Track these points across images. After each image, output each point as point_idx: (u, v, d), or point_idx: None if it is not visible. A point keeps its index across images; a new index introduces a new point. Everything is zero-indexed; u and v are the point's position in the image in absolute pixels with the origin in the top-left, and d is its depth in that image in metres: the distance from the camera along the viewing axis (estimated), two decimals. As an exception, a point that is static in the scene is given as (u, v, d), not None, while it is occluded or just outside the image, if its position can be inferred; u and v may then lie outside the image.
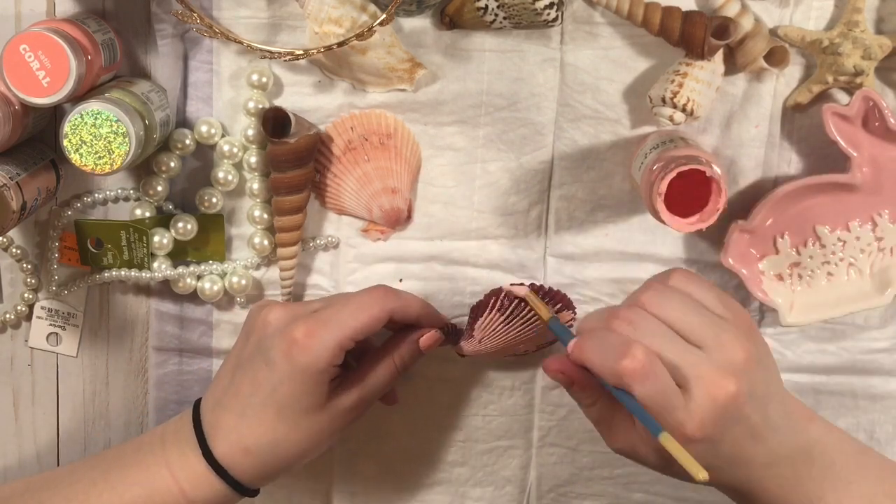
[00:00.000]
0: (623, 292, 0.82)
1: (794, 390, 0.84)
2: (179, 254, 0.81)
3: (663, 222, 0.71)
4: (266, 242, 0.80)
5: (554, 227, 0.81)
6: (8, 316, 0.83)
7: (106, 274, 0.81)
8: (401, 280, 0.82)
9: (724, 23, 0.73)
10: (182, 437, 0.73)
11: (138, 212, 0.80)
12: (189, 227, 0.79)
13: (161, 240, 0.80)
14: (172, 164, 0.78)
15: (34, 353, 0.84)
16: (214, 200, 0.79)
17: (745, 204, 0.79)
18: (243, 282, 0.81)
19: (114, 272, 0.81)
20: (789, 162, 0.79)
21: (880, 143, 0.76)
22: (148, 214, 0.80)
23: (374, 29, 0.73)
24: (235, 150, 0.79)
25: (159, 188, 0.79)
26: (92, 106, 0.69)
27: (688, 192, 0.71)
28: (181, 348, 0.83)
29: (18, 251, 0.81)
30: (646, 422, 0.64)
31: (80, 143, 0.69)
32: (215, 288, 0.81)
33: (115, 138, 0.69)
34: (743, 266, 0.79)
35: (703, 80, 0.74)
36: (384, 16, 0.73)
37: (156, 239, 0.80)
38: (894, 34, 0.75)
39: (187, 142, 0.78)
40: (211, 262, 0.81)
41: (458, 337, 0.76)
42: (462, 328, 0.76)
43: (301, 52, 0.74)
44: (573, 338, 0.69)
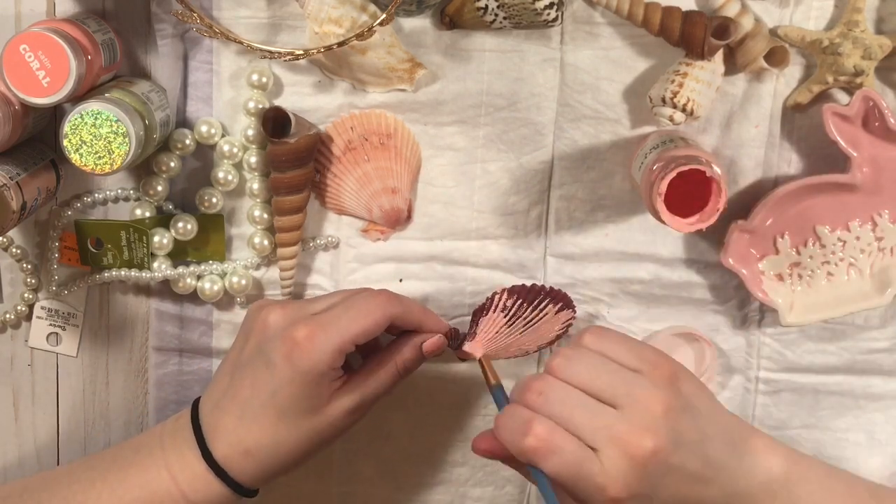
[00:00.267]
0: (623, 292, 0.82)
1: (794, 390, 0.84)
2: (179, 254, 0.81)
3: (663, 222, 0.71)
4: (266, 242, 0.80)
5: (554, 227, 0.81)
6: (8, 316, 0.83)
7: (106, 274, 0.81)
8: (401, 280, 0.82)
9: (724, 23, 0.73)
10: (181, 438, 0.73)
11: (138, 212, 0.80)
12: (189, 227, 0.79)
13: (161, 240, 0.80)
14: (172, 164, 0.78)
15: (34, 353, 0.84)
16: (214, 200, 0.79)
17: (745, 204, 0.79)
18: (243, 282, 0.81)
19: (114, 272, 0.81)
20: (789, 162, 0.79)
21: (880, 143, 0.76)
22: (148, 214, 0.80)
23: (374, 29, 0.73)
24: (235, 150, 0.78)
25: (159, 188, 0.79)
26: (92, 106, 0.69)
27: (688, 192, 0.71)
28: (181, 348, 0.83)
29: (18, 251, 0.81)
30: (547, 499, 0.63)
31: (80, 143, 0.69)
32: (215, 288, 0.81)
33: (115, 138, 0.69)
34: (743, 266, 0.79)
35: (703, 80, 0.74)
36: (384, 16, 0.73)
37: (156, 239, 0.80)
38: (894, 34, 0.75)
39: (187, 142, 0.78)
40: (211, 262, 0.81)
41: (459, 341, 0.76)
42: (464, 333, 0.76)
43: (301, 52, 0.74)
44: None
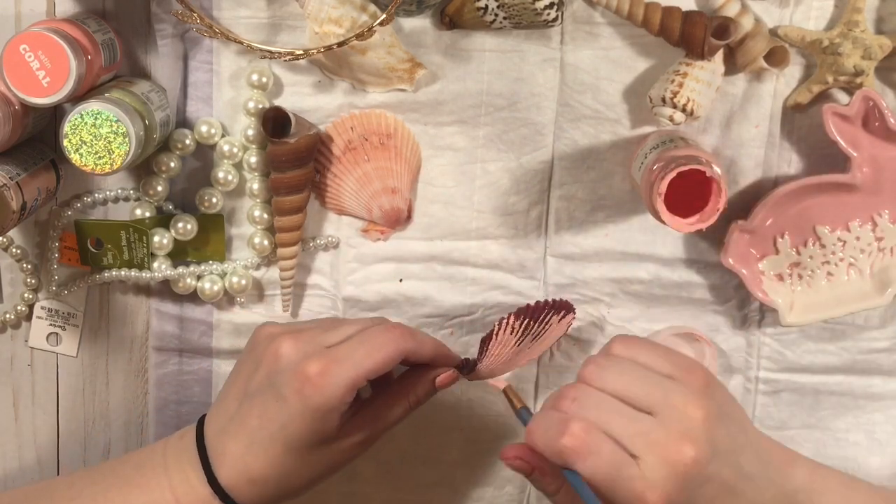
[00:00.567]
0: (623, 292, 0.82)
1: (794, 390, 0.84)
2: (179, 254, 0.81)
3: (663, 222, 0.71)
4: (266, 242, 0.80)
5: (554, 227, 0.81)
6: (8, 316, 0.83)
7: (106, 274, 0.81)
8: (401, 280, 0.82)
9: (724, 23, 0.73)
10: (185, 459, 0.72)
11: (138, 212, 0.80)
12: (189, 227, 0.79)
13: (161, 240, 0.80)
14: (172, 164, 0.78)
15: (34, 353, 0.84)
16: (214, 200, 0.79)
17: (745, 204, 0.79)
18: (243, 282, 0.81)
19: (114, 272, 0.81)
20: (789, 162, 0.79)
21: (880, 143, 0.76)
22: (148, 214, 0.80)
23: (374, 29, 0.73)
24: (235, 150, 0.78)
25: (159, 188, 0.79)
26: (92, 106, 0.69)
27: (688, 192, 0.71)
28: (181, 348, 0.83)
29: (18, 251, 0.81)
30: (587, 500, 0.63)
31: (80, 143, 0.69)
32: (215, 288, 0.81)
33: (115, 138, 0.69)
34: (743, 266, 0.79)
35: (703, 80, 0.74)
36: (384, 16, 0.73)
37: (156, 239, 0.80)
38: (894, 34, 0.75)
39: (187, 142, 0.78)
40: (211, 262, 0.81)
41: (471, 368, 0.76)
42: (474, 359, 0.76)
43: (301, 52, 0.74)
44: None
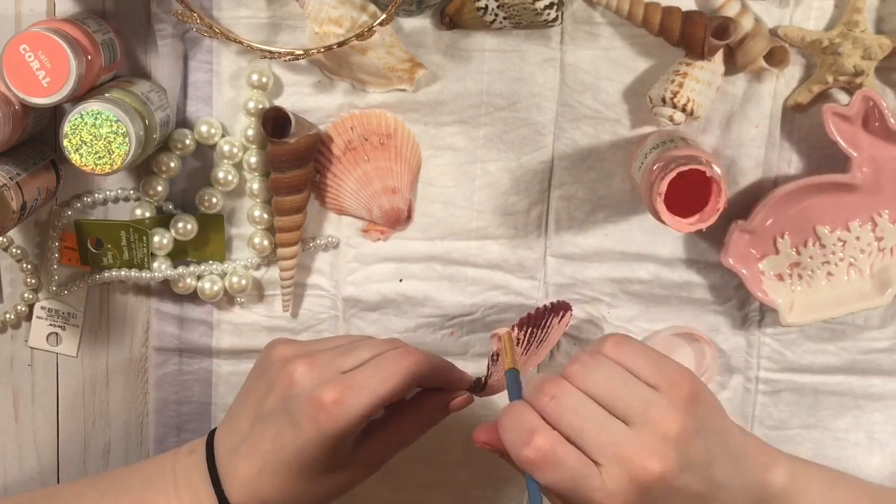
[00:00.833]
0: (623, 292, 0.82)
1: (794, 390, 0.84)
2: (179, 254, 0.81)
3: (663, 222, 0.71)
4: (266, 242, 0.80)
5: (554, 227, 0.81)
6: (8, 316, 0.83)
7: (106, 274, 0.81)
8: (401, 280, 0.82)
9: (724, 23, 0.73)
10: (196, 477, 0.71)
11: (138, 212, 0.80)
12: (189, 227, 0.79)
13: (161, 240, 0.80)
14: (172, 164, 0.78)
15: (34, 353, 0.84)
16: (214, 200, 0.79)
17: (745, 204, 0.79)
18: (243, 282, 0.81)
19: (114, 272, 0.81)
20: (789, 162, 0.79)
21: (880, 143, 0.76)
22: (148, 214, 0.80)
23: (374, 29, 0.73)
24: (235, 150, 0.78)
25: (159, 188, 0.79)
26: (92, 106, 0.69)
27: (688, 192, 0.71)
28: (181, 348, 0.83)
29: (18, 251, 0.81)
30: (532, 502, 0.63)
31: (80, 143, 0.69)
32: (215, 288, 0.81)
33: (115, 138, 0.69)
34: (743, 266, 0.79)
35: (703, 80, 0.74)
36: (384, 16, 0.73)
37: (156, 239, 0.80)
38: (894, 34, 0.75)
39: (187, 142, 0.78)
40: (211, 262, 0.81)
41: (482, 386, 0.75)
42: (485, 377, 0.75)
43: (301, 52, 0.74)
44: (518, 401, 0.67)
